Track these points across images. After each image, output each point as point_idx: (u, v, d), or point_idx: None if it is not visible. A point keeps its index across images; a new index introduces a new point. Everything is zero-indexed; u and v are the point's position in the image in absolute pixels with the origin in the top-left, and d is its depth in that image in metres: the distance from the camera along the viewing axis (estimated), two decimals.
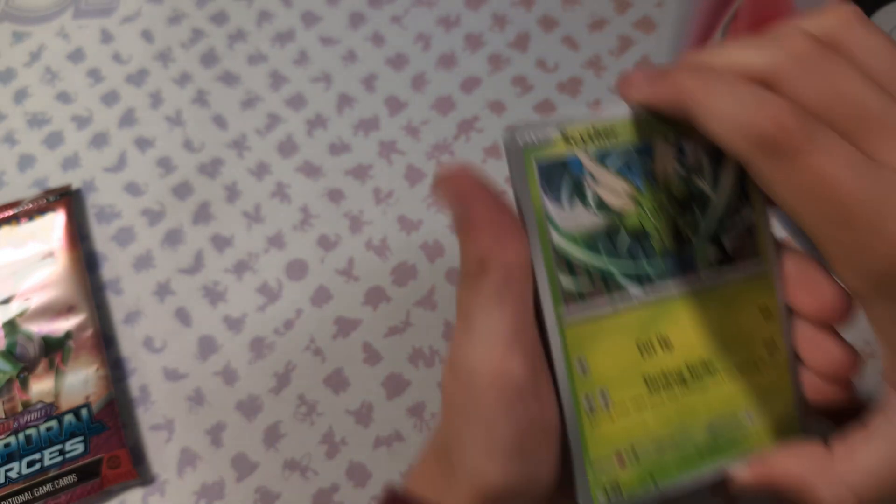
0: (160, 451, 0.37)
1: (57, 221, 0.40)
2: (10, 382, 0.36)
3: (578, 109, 0.22)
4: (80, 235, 0.41)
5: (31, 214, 0.40)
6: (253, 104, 0.44)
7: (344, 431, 0.36)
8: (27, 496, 0.34)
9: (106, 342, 0.39)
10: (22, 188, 0.43)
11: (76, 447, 0.35)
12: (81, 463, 0.35)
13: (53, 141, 0.44)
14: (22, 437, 0.35)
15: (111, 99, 0.44)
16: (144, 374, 0.38)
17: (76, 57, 0.46)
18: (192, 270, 0.40)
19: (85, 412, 0.36)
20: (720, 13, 0.36)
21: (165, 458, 0.37)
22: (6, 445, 0.35)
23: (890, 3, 0.39)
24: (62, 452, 0.35)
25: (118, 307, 0.40)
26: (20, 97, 0.45)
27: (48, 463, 0.35)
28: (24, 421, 0.36)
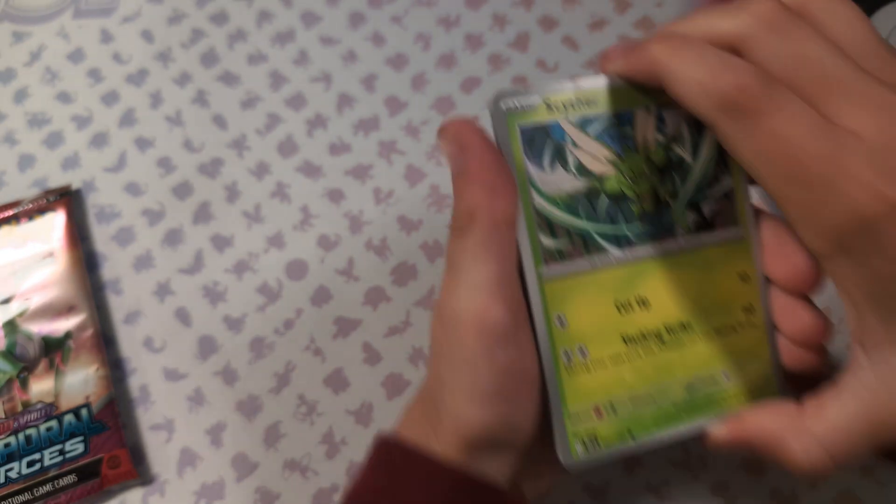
0: (160, 451, 0.37)
1: (57, 221, 0.40)
2: (10, 382, 0.36)
3: (562, 80, 0.23)
4: (80, 235, 0.41)
5: (31, 214, 0.40)
6: (253, 104, 0.44)
7: (344, 431, 0.36)
8: (27, 496, 0.34)
9: (106, 342, 0.39)
10: (22, 188, 0.43)
11: (76, 447, 0.35)
12: (81, 463, 0.35)
13: (53, 141, 0.44)
14: (22, 437, 0.35)
15: (111, 99, 0.44)
16: (144, 374, 0.38)
17: (76, 57, 0.46)
18: (192, 270, 0.40)
19: (85, 412, 0.36)
20: None
21: (165, 458, 0.37)
22: (6, 445, 0.35)
23: (890, 2, 0.39)
24: (62, 452, 0.35)
25: (118, 307, 0.40)
26: (20, 97, 0.45)
27: (48, 463, 0.35)
28: (24, 421, 0.36)
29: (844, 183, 0.18)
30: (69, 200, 0.41)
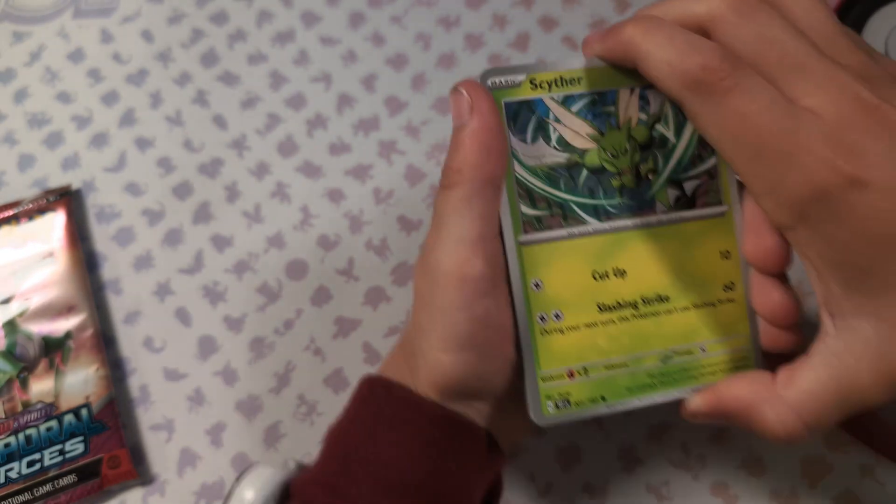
0: (160, 451, 0.37)
1: (57, 221, 0.40)
2: (10, 382, 0.36)
3: (548, 60, 0.24)
4: (80, 235, 0.41)
5: (31, 214, 0.40)
6: (253, 104, 0.44)
7: None
8: (27, 496, 0.34)
9: (106, 342, 0.39)
10: (22, 188, 0.43)
11: (76, 447, 0.35)
12: (81, 463, 0.35)
13: (53, 141, 0.44)
14: (22, 437, 0.35)
15: (111, 99, 0.44)
16: (144, 374, 0.38)
17: (76, 57, 0.46)
18: (192, 270, 0.40)
19: (85, 412, 0.36)
20: None
21: (165, 458, 0.37)
22: (6, 445, 0.35)
23: (890, 3, 0.39)
24: (62, 452, 0.35)
25: (118, 307, 0.40)
26: (20, 97, 0.45)
27: (48, 463, 0.35)
28: (24, 421, 0.36)
29: (803, 157, 0.20)
30: (69, 200, 0.41)
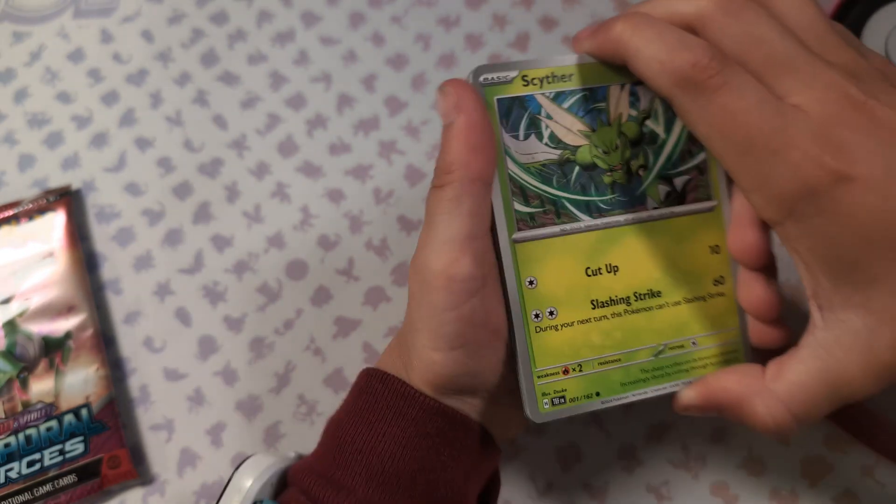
0: (160, 451, 0.37)
1: (57, 221, 0.40)
2: (10, 382, 0.36)
3: (540, 57, 0.24)
4: (80, 235, 0.41)
5: (31, 214, 0.40)
6: (253, 104, 0.44)
7: None
8: (27, 496, 0.34)
9: (106, 342, 0.39)
10: (22, 188, 0.43)
11: (76, 447, 0.35)
12: (81, 463, 0.35)
13: (53, 141, 0.44)
14: (22, 437, 0.35)
15: (111, 99, 0.44)
16: (144, 374, 0.38)
17: (76, 57, 0.46)
18: (192, 270, 0.40)
19: (85, 412, 0.36)
20: None
21: (165, 458, 0.37)
22: (6, 445, 0.35)
23: (890, 3, 0.39)
24: (62, 452, 0.35)
25: (118, 307, 0.40)
26: (20, 97, 0.45)
27: (48, 463, 0.35)
28: (24, 421, 0.36)
29: (790, 154, 0.20)
30: (69, 200, 0.41)
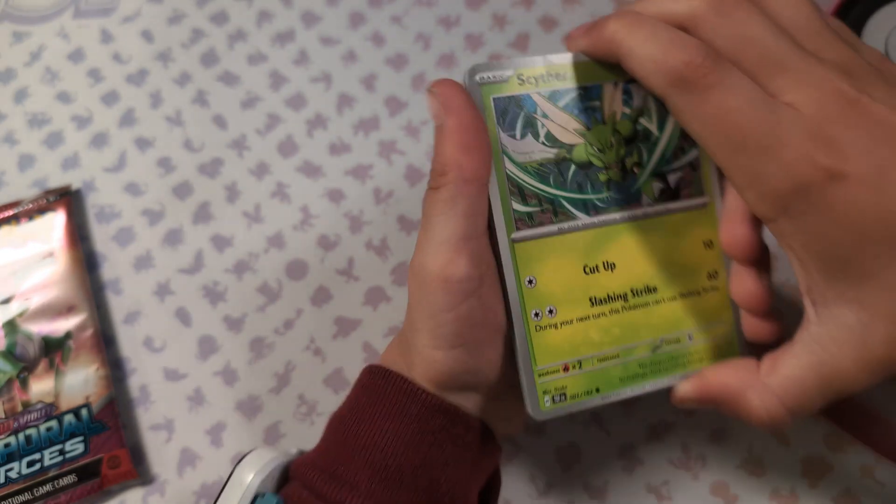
0: (160, 451, 0.37)
1: (57, 221, 0.40)
2: (10, 382, 0.36)
3: (534, 56, 0.24)
4: (80, 235, 0.41)
5: (31, 214, 0.40)
6: (253, 104, 0.44)
7: None
8: (27, 496, 0.34)
9: (106, 342, 0.39)
10: (22, 188, 0.43)
11: (76, 447, 0.35)
12: (81, 463, 0.35)
13: (53, 141, 0.44)
14: (22, 437, 0.35)
15: (111, 99, 0.44)
16: (144, 374, 0.38)
17: (76, 57, 0.46)
18: (192, 270, 0.40)
19: (85, 412, 0.36)
20: None
21: (165, 458, 0.37)
22: (6, 445, 0.35)
23: (890, 3, 0.39)
24: (62, 452, 0.35)
25: (118, 307, 0.40)
26: (20, 97, 0.45)
27: (48, 463, 0.35)
28: (24, 421, 0.36)
29: (783, 152, 0.20)
30: (69, 200, 0.41)
